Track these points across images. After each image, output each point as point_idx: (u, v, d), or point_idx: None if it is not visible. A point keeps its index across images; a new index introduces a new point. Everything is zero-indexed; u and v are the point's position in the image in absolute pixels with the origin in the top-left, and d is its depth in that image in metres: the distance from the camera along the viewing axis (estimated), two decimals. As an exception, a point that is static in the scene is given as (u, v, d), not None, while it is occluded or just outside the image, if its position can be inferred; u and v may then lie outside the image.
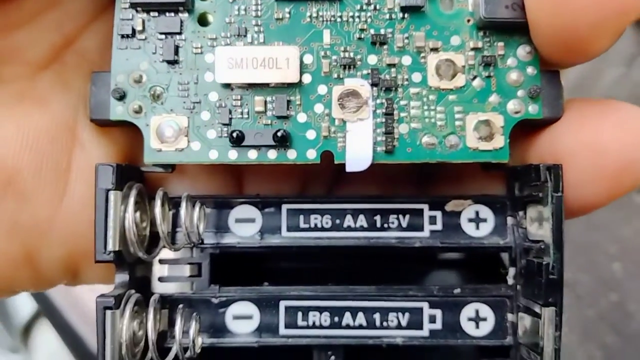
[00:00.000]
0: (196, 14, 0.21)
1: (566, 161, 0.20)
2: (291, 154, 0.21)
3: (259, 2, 0.21)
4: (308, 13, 0.21)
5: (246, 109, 0.21)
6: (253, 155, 0.21)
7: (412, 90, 0.21)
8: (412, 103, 0.21)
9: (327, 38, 0.21)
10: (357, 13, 0.21)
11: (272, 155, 0.21)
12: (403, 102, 0.21)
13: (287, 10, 0.21)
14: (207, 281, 0.23)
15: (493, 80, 0.21)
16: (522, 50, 0.21)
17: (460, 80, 0.21)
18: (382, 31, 0.21)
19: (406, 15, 0.21)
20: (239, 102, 0.21)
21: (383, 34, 0.21)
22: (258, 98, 0.21)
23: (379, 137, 0.21)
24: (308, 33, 0.21)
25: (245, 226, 0.23)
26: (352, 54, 0.21)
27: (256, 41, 0.21)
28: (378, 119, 0.21)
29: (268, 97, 0.21)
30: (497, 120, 0.21)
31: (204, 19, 0.21)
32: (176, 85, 0.21)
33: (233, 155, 0.21)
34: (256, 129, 0.21)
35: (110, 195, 0.20)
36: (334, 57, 0.21)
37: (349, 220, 0.23)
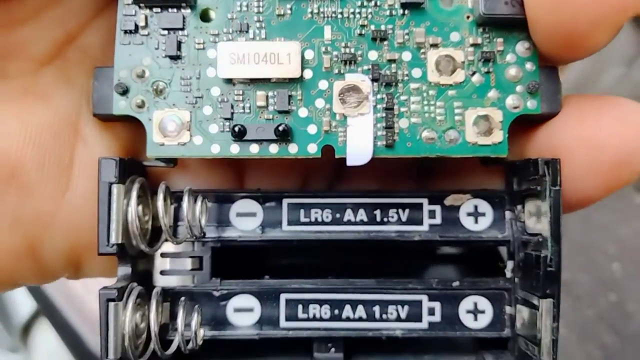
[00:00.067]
0: (198, 10, 0.21)
1: (564, 156, 0.20)
2: (292, 149, 0.21)
3: (261, -1, 0.21)
4: (309, 9, 0.21)
5: (248, 104, 0.21)
6: (255, 149, 0.21)
7: (412, 85, 0.21)
8: (412, 98, 0.21)
9: (328, 34, 0.21)
10: (358, 9, 0.21)
11: (274, 149, 0.21)
12: (403, 97, 0.21)
13: (289, 6, 0.21)
14: (209, 274, 0.23)
15: (492, 75, 0.21)
16: (521, 46, 0.21)
17: (459, 75, 0.21)
18: (383, 27, 0.21)
19: (406, 11, 0.21)
20: (241, 97, 0.21)
21: (383, 30, 0.21)
22: (260, 93, 0.21)
23: (380, 132, 0.21)
24: (309, 29, 0.21)
25: (246, 220, 0.23)
26: (353, 50, 0.21)
27: (258, 37, 0.21)
28: (378, 114, 0.21)
29: (270, 92, 0.21)
30: (496, 115, 0.21)
31: (206, 15, 0.21)
32: (179, 80, 0.21)
33: (235, 149, 0.21)
34: (258, 124, 0.21)
35: (113, 188, 0.21)
36: (335, 53, 0.21)
37: (349, 214, 0.23)
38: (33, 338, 0.60)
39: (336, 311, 0.23)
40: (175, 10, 0.21)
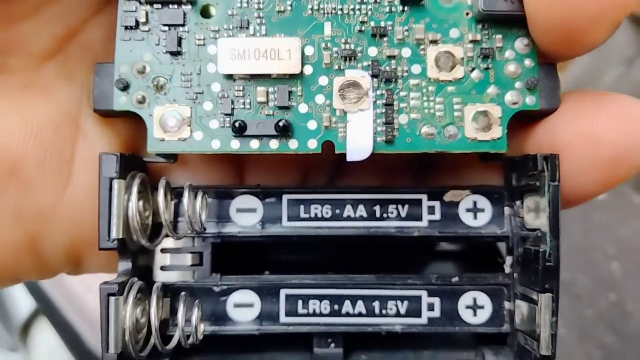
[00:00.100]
0: (199, 7, 0.21)
1: (563, 152, 0.20)
2: (293, 144, 0.21)
3: (261, -5, 0.21)
4: (309, 6, 0.21)
5: (248, 100, 0.21)
6: (255, 145, 0.21)
7: (412, 81, 0.21)
8: (412, 94, 0.21)
9: (329, 30, 0.21)
10: (358, 6, 0.21)
11: (274, 145, 0.21)
12: (403, 94, 0.21)
13: (289, 3, 0.21)
14: (209, 270, 0.23)
15: (491, 72, 0.21)
16: (520, 42, 0.21)
17: (459, 72, 0.21)
18: (383, 24, 0.21)
19: (406, 8, 0.21)
20: (242, 93, 0.21)
21: (383, 27, 0.21)
22: (260, 89, 0.21)
23: (380, 128, 0.21)
24: (310, 25, 0.21)
25: (246, 216, 0.23)
26: (353, 46, 0.21)
27: (258, 33, 0.21)
28: (378, 110, 0.21)
29: (270, 88, 0.21)
30: (496, 111, 0.21)
31: (207, 12, 0.21)
32: (179, 76, 0.21)
33: (235, 145, 0.21)
34: (258, 120, 0.21)
35: (114, 184, 0.21)
36: (335, 49, 0.21)
37: (349, 210, 0.23)
38: (33, 337, 0.60)
39: (336, 307, 0.23)
40: (176, 6, 0.21)
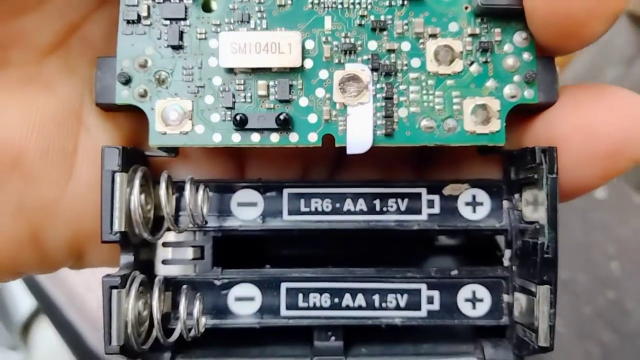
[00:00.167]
0: (200, 1, 0.21)
1: (561, 144, 0.20)
2: (293, 137, 0.21)
3: (262, -11, 0.21)
4: (309, 0, 0.21)
5: (249, 93, 0.21)
6: (256, 138, 0.21)
7: (411, 75, 0.21)
8: (411, 87, 0.21)
9: (329, 24, 0.21)
10: (358, 0, 0.21)
11: (275, 138, 0.21)
12: (402, 87, 0.21)
13: (290, -3, 0.21)
14: (210, 264, 0.23)
15: (490, 65, 0.21)
16: (519, 36, 0.21)
17: (458, 65, 0.21)
18: (382, 17, 0.21)
19: (405, 2, 0.21)
20: (242, 87, 0.21)
21: (383, 21, 0.21)
22: (261, 82, 0.21)
23: (379, 121, 0.21)
24: (310, 19, 0.21)
25: (247, 210, 0.23)
26: (353, 40, 0.21)
27: (259, 27, 0.21)
28: (378, 103, 0.21)
29: (271, 82, 0.21)
30: (494, 104, 0.21)
31: (208, 5, 0.22)
32: (181, 69, 0.21)
33: (236, 138, 0.21)
34: (259, 113, 0.21)
35: (116, 176, 0.21)
36: (335, 43, 0.21)
37: (349, 204, 0.23)
38: (33, 336, 0.60)
39: (336, 300, 0.23)
40: (177, 0, 0.21)
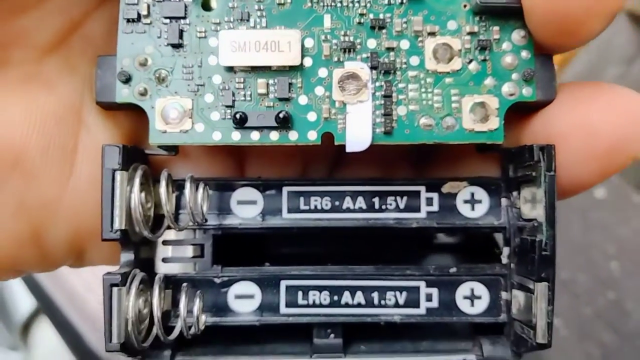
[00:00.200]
0: (200, -1, 0.22)
1: (559, 142, 0.20)
2: (292, 136, 0.21)
3: (261, -13, 0.22)
4: (309, -2, 0.21)
5: (249, 92, 0.21)
6: (255, 136, 0.21)
7: (410, 73, 0.21)
8: (410, 86, 0.21)
9: (328, 22, 0.21)
10: (357, -2, 0.21)
11: (274, 136, 0.21)
12: (401, 85, 0.21)
13: (289, -5, 0.22)
14: (210, 262, 0.23)
15: (488, 63, 0.21)
16: (517, 34, 0.21)
17: (456, 63, 0.21)
18: (381, 16, 0.21)
19: (404, 0, 0.21)
20: (242, 85, 0.22)
21: (382, 19, 0.21)
22: (260, 80, 0.21)
23: (378, 119, 0.21)
24: (309, 18, 0.21)
25: (247, 208, 0.23)
26: (352, 38, 0.21)
27: (259, 25, 0.21)
28: (377, 101, 0.21)
29: (270, 80, 0.21)
30: (492, 102, 0.21)
31: (208, 4, 0.22)
32: (181, 68, 0.22)
33: (236, 136, 0.22)
34: (259, 111, 0.21)
35: (116, 175, 0.21)
36: (334, 41, 0.21)
37: (348, 202, 0.23)
38: (33, 336, 0.60)
39: (335, 297, 0.23)
40: (177, -1, 0.22)
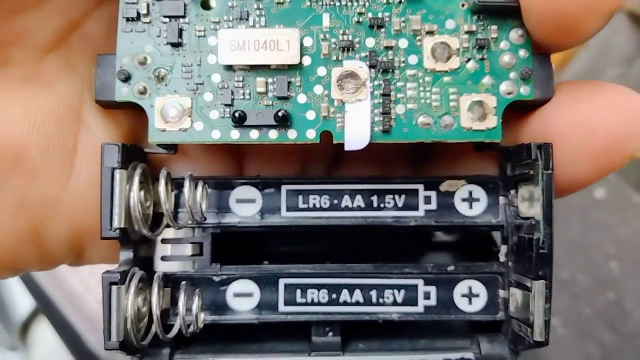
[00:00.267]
0: (199, -2, 0.22)
1: (556, 141, 0.20)
2: (291, 134, 0.21)
3: (261, -13, 0.22)
4: (308, -3, 0.22)
5: (248, 90, 0.22)
6: (254, 135, 0.22)
7: (409, 72, 0.21)
8: (409, 84, 0.21)
9: (327, 21, 0.22)
10: (356, -3, 0.22)
11: (273, 135, 0.22)
12: (400, 84, 0.21)
13: (288, -6, 0.22)
14: (209, 260, 0.23)
15: (486, 62, 0.21)
16: (515, 33, 0.21)
17: (454, 62, 0.21)
18: (380, 15, 0.21)
19: (403, -1, 0.22)
20: (241, 84, 0.22)
21: (380, 18, 0.21)
22: (259, 79, 0.21)
23: (377, 117, 0.21)
24: (308, 17, 0.22)
25: (245, 206, 0.23)
26: (351, 37, 0.22)
27: (258, 24, 0.22)
28: (375, 100, 0.21)
29: (269, 79, 0.21)
30: (490, 101, 0.21)
31: (207, 3, 0.22)
32: (180, 67, 0.22)
33: (235, 135, 0.22)
34: (258, 110, 0.21)
35: (115, 173, 0.21)
36: (333, 40, 0.21)
37: (347, 200, 0.23)
38: (32, 336, 0.60)
39: (334, 295, 0.23)
40: (176, -2, 0.22)
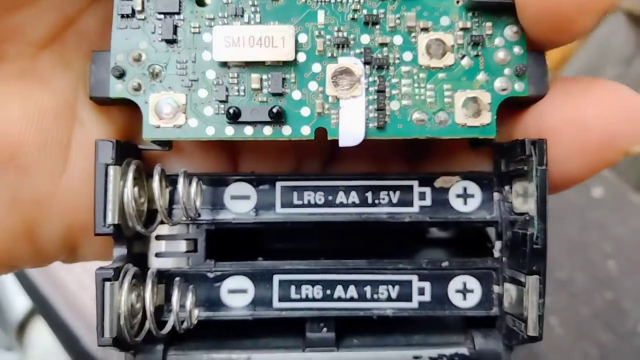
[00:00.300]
0: (194, -5, 0.22)
1: (550, 137, 0.20)
2: (286, 130, 0.21)
3: (256, -16, 0.22)
4: (303, -6, 0.22)
5: (242, 87, 0.22)
6: (249, 131, 0.22)
7: (403, 68, 0.22)
8: (403, 81, 0.21)
9: (322, 18, 0.22)
10: (351, -6, 0.22)
11: (268, 131, 0.22)
12: (394, 80, 0.22)
13: (283, -9, 0.22)
14: (203, 256, 0.23)
15: (481, 59, 0.21)
16: (509, 30, 0.21)
17: (449, 59, 0.21)
18: (375, 12, 0.21)
19: (398, -4, 0.22)
20: (236, 80, 0.22)
21: (375, 15, 0.21)
22: (254, 76, 0.21)
23: (371, 114, 0.21)
24: (303, 13, 0.22)
25: (240, 203, 0.23)
26: (346, 34, 0.22)
27: (252, 21, 0.22)
28: (370, 96, 0.21)
29: (264, 75, 0.21)
30: (485, 97, 0.21)
31: (202, 0, 0.22)
32: (174, 63, 0.22)
33: (229, 131, 0.22)
34: (252, 106, 0.21)
35: (109, 170, 0.21)
36: (328, 37, 0.21)
37: (342, 196, 0.23)
38: (28, 336, 0.60)
39: (328, 291, 0.23)
40: (171, -6, 0.22)
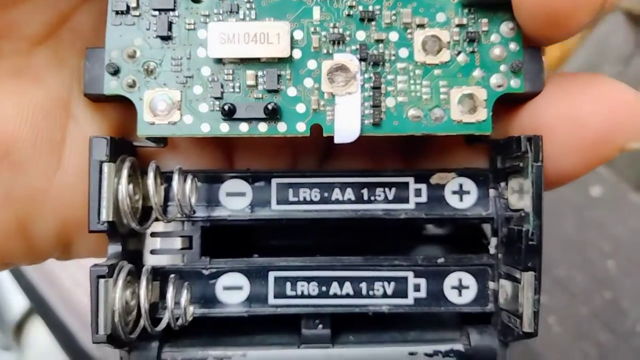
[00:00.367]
0: (189, -9, 0.22)
1: (546, 133, 0.20)
2: (281, 127, 0.21)
3: (251, -20, 0.22)
4: (298, -10, 0.21)
5: (238, 83, 0.21)
6: (244, 128, 0.21)
7: (399, 65, 0.21)
8: (399, 77, 0.21)
9: (317, 14, 0.21)
10: (346, -10, 0.21)
11: (263, 128, 0.21)
12: (390, 77, 0.21)
13: (279, -13, 0.22)
14: (198, 253, 0.23)
15: (477, 55, 0.21)
16: (505, 26, 0.21)
17: (445, 55, 0.21)
18: (371, 8, 0.21)
19: (393, -8, 0.22)
20: (231, 77, 0.22)
21: (371, 11, 0.21)
22: (249, 72, 0.21)
23: (367, 110, 0.21)
24: (298, 10, 0.22)
25: (235, 200, 0.23)
26: (341, 30, 0.21)
27: (248, 17, 0.21)
28: (366, 93, 0.21)
29: (259, 72, 0.21)
30: (481, 93, 0.21)
31: (197, -4, 0.22)
32: (169, 60, 0.22)
33: (225, 128, 0.22)
34: (247, 102, 0.21)
35: (104, 166, 0.21)
36: (324, 33, 0.21)
37: (337, 193, 0.23)
38: (26, 336, 0.60)
39: (324, 288, 0.23)
40: (166, -9, 0.22)
